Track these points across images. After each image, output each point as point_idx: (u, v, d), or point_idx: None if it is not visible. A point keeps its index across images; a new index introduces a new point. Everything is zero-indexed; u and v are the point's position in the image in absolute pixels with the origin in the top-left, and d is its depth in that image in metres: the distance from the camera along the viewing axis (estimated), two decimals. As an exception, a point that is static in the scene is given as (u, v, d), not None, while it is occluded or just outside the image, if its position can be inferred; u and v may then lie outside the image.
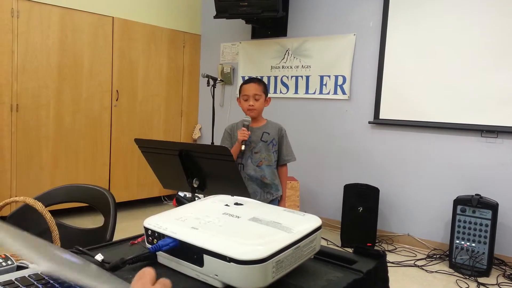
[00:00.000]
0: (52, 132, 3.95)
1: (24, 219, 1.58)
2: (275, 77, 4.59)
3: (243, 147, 2.35)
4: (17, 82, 3.70)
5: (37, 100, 3.83)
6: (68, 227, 1.62)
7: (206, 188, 1.59)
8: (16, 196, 2.81)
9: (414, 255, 3.60)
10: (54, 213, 1.18)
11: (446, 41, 3.57)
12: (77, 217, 4.01)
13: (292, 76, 4.48)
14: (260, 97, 2.42)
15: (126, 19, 4.41)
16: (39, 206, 1.09)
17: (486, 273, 3.16)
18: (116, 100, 4.39)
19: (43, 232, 1.53)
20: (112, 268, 0.83)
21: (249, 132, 2.37)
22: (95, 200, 1.62)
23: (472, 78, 3.47)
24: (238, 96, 2.51)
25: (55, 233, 1.09)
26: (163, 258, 0.87)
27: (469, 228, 3.24)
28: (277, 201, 2.50)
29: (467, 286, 3.00)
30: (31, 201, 1.11)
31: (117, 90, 4.38)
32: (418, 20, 3.70)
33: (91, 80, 4.17)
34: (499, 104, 3.36)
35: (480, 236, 3.19)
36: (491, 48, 3.39)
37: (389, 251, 3.68)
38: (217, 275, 0.77)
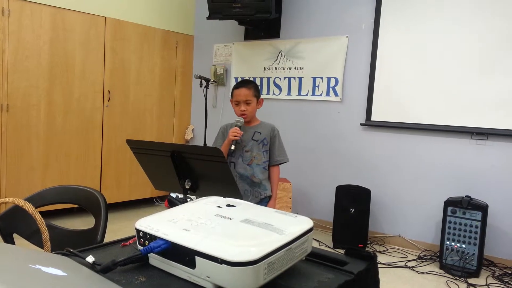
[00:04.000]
0: (43, 132, 3.92)
1: (14, 221, 1.57)
2: (268, 79, 4.60)
3: (232, 147, 2.35)
4: (8, 81, 3.66)
5: (28, 100, 3.80)
6: (58, 228, 1.61)
7: (198, 189, 1.59)
8: (6, 197, 2.79)
9: (405, 256, 3.62)
10: (44, 214, 1.17)
11: (437, 44, 3.61)
12: (68, 218, 3.98)
13: (284, 78, 4.49)
14: (251, 101, 2.41)
15: (119, 19, 4.39)
16: (29, 207, 1.08)
17: (476, 274, 3.19)
18: (108, 101, 4.36)
19: (33, 234, 1.52)
20: (103, 270, 0.82)
21: (241, 132, 2.37)
22: (86, 201, 1.60)
23: (463, 81, 3.50)
24: (231, 98, 2.52)
25: (45, 234, 1.08)
26: (154, 260, 0.87)
27: (459, 230, 3.27)
28: (266, 201, 2.48)
29: (457, 287, 3.03)
30: (21, 202, 1.10)
31: (109, 91, 4.35)
32: (410, 22, 3.73)
33: (82, 80, 4.14)
34: (489, 106, 3.40)
35: (470, 237, 3.23)
36: (482, 52, 3.42)
37: (380, 252, 3.70)
38: (209, 277, 0.77)
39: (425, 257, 3.57)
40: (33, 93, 3.82)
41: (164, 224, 0.87)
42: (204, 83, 4.34)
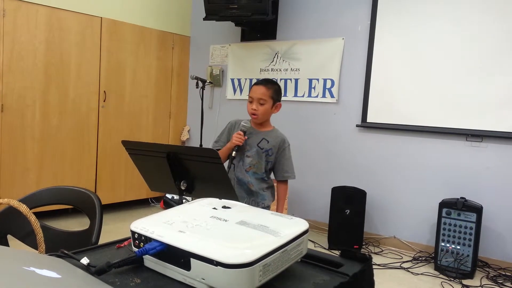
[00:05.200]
0: (38, 133, 3.90)
1: (8, 222, 1.56)
2: (264, 80, 4.59)
3: (233, 153, 2.20)
4: (2, 82, 3.64)
5: (23, 100, 3.78)
6: (53, 229, 1.60)
7: (194, 190, 1.59)
8: (0, 198, 2.76)
9: (400, 257, 3.63)
10: (39, 215, 1.16)
11: (433, 46, 3.62)
12: (63, 219, 3.96)
13: (281, 79, 4.49)
14: (266, 102, 2.22)
15: (115, 19, 4.38)
16: (23, 208, 1.08)
17: (471, 275, 3.20)
18: (104, 101, 4.35)
19: (27, 235, 1.51)
20: (98, 271, 0.82)
21: (245, 137, 2.22)
22: (81, 202, 1.60)
23: (458, 83, 3.52)
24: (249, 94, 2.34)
25: (40, 235, 1.07)
26: (149, 261, 0.87)
27: (454, 231, 3.29)
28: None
29: (452, 288, 3.04)
30: (15, 203, 1.10)
31: (104, 91, 4.34)
32: (406, 25, 3.75)
33: (78, 80, 4.13)
34: (485, 108, 3.42)
35: (464, 238, 3.24)
36: (477, 54, 3.44)
37: (375, 253, 3.71)
38: (204, 279, 0.77)
39: (420, 258, 3.58)
40: (28, 94, 3.80)
41: (159, 226, 0.87)
42: (200, 84, 4.34)
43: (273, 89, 2.26)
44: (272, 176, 2.41)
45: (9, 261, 0.67)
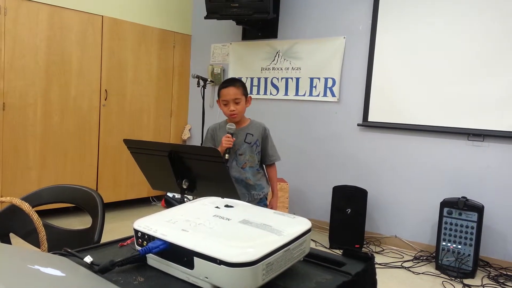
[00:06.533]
0: (40, 132, 3.90)
1: (11, 220, 1.56)
2: (265, 79, 4.60)
3: (226, 156, 2.30)
4: (4, 80, 3.64)
5: (25, 98, 3.78)
6: (55, 228, 1.60)
7: (195, 189, 1.59)
8: (2, 196, 2.77)
9: (401, 256, 3.64)
10: (41, 213, 1.16)
11: (434, 45, 3.62)
12: (65, 217, 3.97)
13: (282, 78, 4.49)
14: (241, 100, 2.35)
15: (116, 18, 4.38)
16: (26, 206, 1.08)
17: (472, 275, 3.20)
18: (105, 100, 4.35)
19: (30, 233, 1.51)
20: (101, 270, 0.82)
21: (234, 139, 2.33)
22: (83, 201, 1.60)
23: (460, 83, 3.52)
24: (218, 98, 2.44)
25: (42, 234, 1.08)
26: (153, 260, 0.87)
27: (455, 230, 3.29)
28: (265, 199, 2.48)
29: (453, 287, 3.04)
30: (17, 201, 1.10)
31: (105, 90, 4.34)
32: (407, 24, 3.74)
33: (79, 79, 4.13)
34: (486, 108, 3.41)
35: (466, 238, 3.24)
36: (479, 54, 3.44)
37: (376, 252, 3.71)
38: (207, 278, 0.77)
39: (421, 258, 3.58)
40: (30, 92, 3.80)
41: (163, 224, 0.87)
42: (201, 83, 4.34)
43: (241, 86, 2.40)
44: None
45: (14, 259, 0.67)
